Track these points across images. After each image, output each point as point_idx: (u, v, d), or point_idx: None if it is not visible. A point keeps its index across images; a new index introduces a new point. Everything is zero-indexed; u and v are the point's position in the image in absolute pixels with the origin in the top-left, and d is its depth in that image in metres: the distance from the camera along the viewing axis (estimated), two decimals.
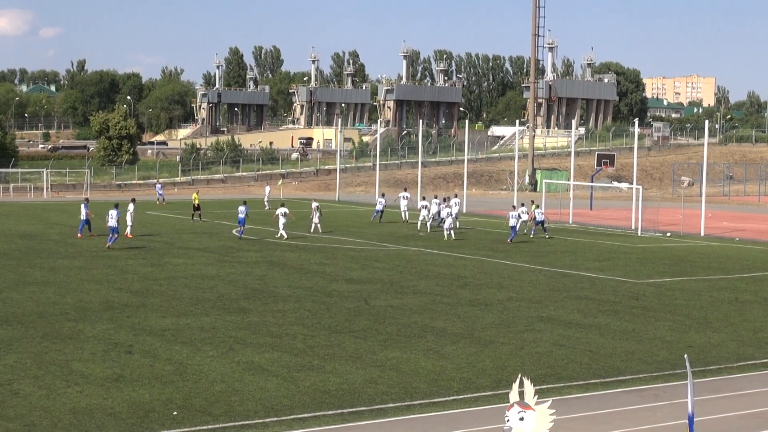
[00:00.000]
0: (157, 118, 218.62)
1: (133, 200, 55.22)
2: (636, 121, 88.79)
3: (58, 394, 20.82)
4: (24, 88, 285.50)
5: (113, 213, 47.18)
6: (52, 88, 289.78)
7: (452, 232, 55.03)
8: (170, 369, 23.18)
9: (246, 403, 20.42)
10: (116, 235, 47.25)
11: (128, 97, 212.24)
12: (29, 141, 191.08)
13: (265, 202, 79.27)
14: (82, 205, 53.90)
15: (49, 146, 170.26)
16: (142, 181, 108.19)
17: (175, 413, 19.56)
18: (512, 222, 53.60)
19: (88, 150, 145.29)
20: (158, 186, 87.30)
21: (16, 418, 19.06)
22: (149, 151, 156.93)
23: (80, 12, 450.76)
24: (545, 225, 57.32)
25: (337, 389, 21.63)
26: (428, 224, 59.60)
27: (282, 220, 53.03)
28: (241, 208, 53.35)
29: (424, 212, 60.58)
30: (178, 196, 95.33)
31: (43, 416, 19.21)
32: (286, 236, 52.70)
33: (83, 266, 41.35)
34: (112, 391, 21.09)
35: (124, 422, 18.91)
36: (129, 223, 52.16)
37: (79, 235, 52.48)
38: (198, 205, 65.03)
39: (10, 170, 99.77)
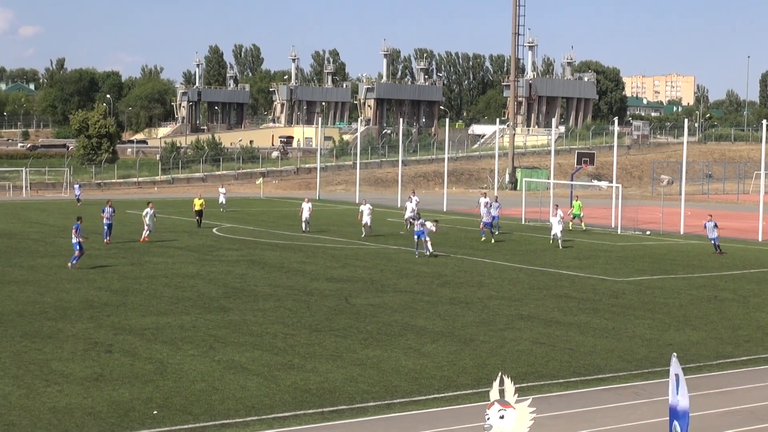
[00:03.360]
0: (136, 116, 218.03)
1: (150, 203, 52.72)
2: (616, 119, 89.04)
3: (38, 393, 20.75)
4: (3, 86, 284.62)
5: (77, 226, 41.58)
6: (32, 86, 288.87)
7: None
8: (150, 368, 23.12)
9: (226, 402, 20.38)
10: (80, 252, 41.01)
11: (108, 96, 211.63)
12: (8, 140, 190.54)
13: (222, 204, 75.02)
14: (105, 209, 50.00)
15: (28, 145, 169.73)
16: (122, 180, 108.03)
17: (155, 412, 19.51)
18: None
19: (68, 149, 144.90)
20: (76, 186, 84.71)
21: None
22: (129, 150, 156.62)
23: (60, 10, 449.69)
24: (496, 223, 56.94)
25: (318, 388, 21.61)
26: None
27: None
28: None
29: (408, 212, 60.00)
30: (157, 195, 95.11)
31: (23, 416, 19.14)
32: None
33: (63, 265, 41.13)
34: (92, 390, 21.03)
35: (104, 421, 18.86)
36: (147, 224, 50.50)
37: (106, 240, 49.25)
38: (200, 210, 60.17)
39: None
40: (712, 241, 48.90)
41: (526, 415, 11.75)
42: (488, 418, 11.69)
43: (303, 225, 57.07)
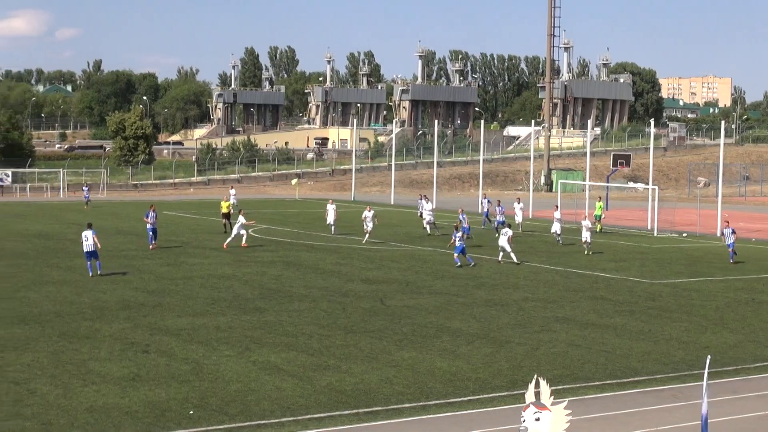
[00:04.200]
0: (172, 118, 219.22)
1: (241, 211, 51.76)
2: (652, 121, 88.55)
3: (75, 393, 20.90)
4: (41, 88, 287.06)
5: (88, 234, 38.44)
6: (69, 88, 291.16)
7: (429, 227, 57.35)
8: (187, 368, 23.24)
9: (262, 402, 20.47)
10: (97, 260, 38.70)
11: (144, 97, 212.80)
12: (46, 141, 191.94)
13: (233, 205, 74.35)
14: (149, 213, 48.40)
15: (66, 146, 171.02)
16: (158, 181, 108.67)
17: (191, 412, 19.62)
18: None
19: (104, 150, 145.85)
20: (85, 189, 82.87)
21: (34, 416, 19.15)
22: (165, 151, 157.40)
23: (97, 13, 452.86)
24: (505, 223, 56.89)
25: (353, 389, 21.67)
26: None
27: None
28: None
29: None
30: (193, 196, 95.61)
31: (60, 415, 19.28)
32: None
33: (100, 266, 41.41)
34: (128, 390, 21.16)
35: (140, 421, 18.98)
36: (242, 233, 49.13)
37: (152, 245, 47.97)
38: (227, 213, 57.28)
39: (26, 170, 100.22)
40: (729, 247, 46.90)
41: (562, 417, 11.68)
42: (524, 421, 11.63)
43: (331, 229, 56.87)
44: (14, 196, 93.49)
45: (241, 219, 48.98)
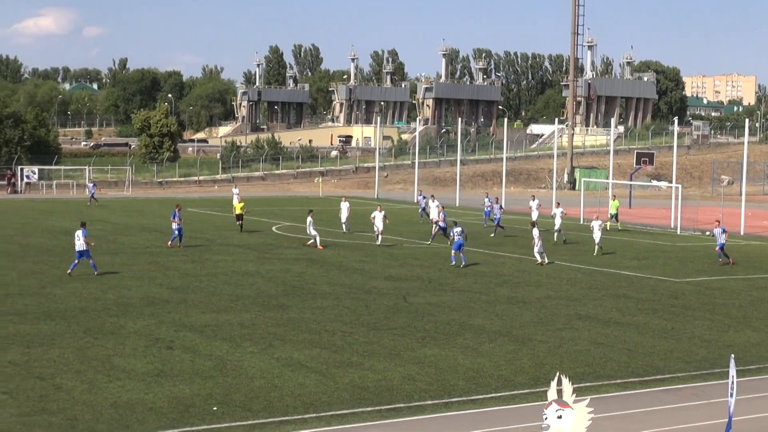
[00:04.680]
0: (197, 115, 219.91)
1: (311, 211, 50.65)
2: (675, 119, 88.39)
3: (100, 388, 21.09)
4: (67, 86, 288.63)
5: (79, 234, 37.89)
6: (95, 86, 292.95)
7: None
8: (210, 364, 23.41)
9: (285, 398, 20.60)
10: (90, 259, 37.93)
11: (169, 95, 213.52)
12: (72, 138, 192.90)
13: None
14: (175, 213, 47.66)
15: (92, 143, 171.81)
16: (183, 179, 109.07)
17: (215, 408, 19.77)
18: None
19: (130, 147, 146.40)
20: (90, 185, 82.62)
21: (59, 411, 19.35)
22: (190, 149, 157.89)
23: (123, 11, 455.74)
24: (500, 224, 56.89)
25: (376, 386, 21.78)
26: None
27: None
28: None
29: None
30: (217, 193, 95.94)
31: (86, 410, 19.46)
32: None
33: (125, 262, 41.72)
34: (153, 386, 21.35)
35: (165, 417, 19.15)
36: (313, 233, 48.53)
37: (174, 244, 47.23)
38: (241, 214, 56.48)
39: (53, 167, 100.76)
40: (718, 247, 44.73)
41: (584, 415, 11.73)
42: (546, 418, 11.67)
43: (343, 227, 56.30)
44: (41, 192, 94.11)
45: (310, 219, 48.62)
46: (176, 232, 47.36)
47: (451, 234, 43.40)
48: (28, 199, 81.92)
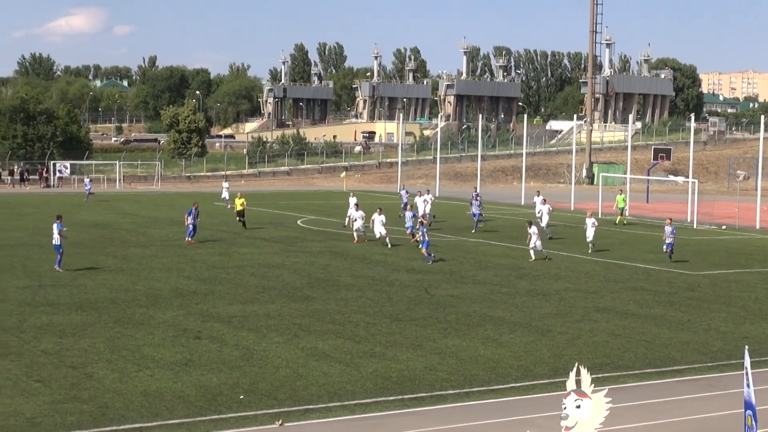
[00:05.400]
0: (224, 112, 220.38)
1: (380, 209, 48.64)
2: (692, 115, 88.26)
3: (130, 377, 21.44)
4: (98, 83, 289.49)
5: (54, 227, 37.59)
6: (125, 83, 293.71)
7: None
8: (237, 354, 23.75)
9: (310, 388, 20.90)
10: (59, 255, 37.42)
11: (197, 92, 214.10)
12: (102, 134, 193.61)
13: (225, 199, 71.42)
14: (191, 211, 47.51)
15: (122, 139, 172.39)
16: (210, 173, 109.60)
17: (241, 397, 20.08)
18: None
19: (159, 143, 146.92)
20: (87, 180, 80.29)
21: (90, 399, 19.70)
22: (217, 144, 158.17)
23: (152, 10, 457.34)
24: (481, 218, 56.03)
25: (398, 376, 22.05)
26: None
27: None
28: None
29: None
30: (244, 187, 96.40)
31: (116, 398, 19.81)
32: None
33: (154, 255, 42.23)
34: (181, 375, 21.69)
35: (192, 405, 19.46)
36: (383, 232, 47.33)
37: (188, 239, 47.10)
38: (242, 210, 54.84)
39: (84, 162, 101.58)
40: (666, 247, 43.25)
41: (603, 405, 11.83)
42: (565, 408, 11.79)
43: (345, 220, 54.43)
44: (72, 187, 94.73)
45: (380, 217, 47.12)
46: (191, 228, 47.24)
47: (420, 232, 43.04)
48: (60, 193, 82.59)
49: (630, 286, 36.14)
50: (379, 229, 46.96)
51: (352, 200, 55.62)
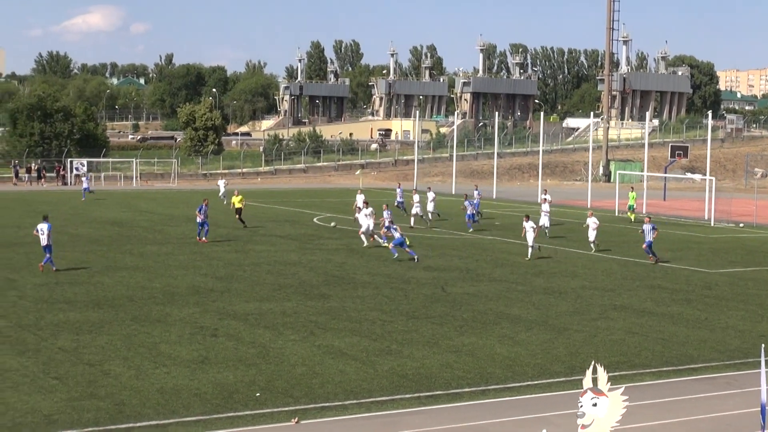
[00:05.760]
0: (241, 109, 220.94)
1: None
2: (710, 113, 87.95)
3: (147, 374, 21.52)
4: (115, 81, 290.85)
5: (43, 228, 36.75)
6: (141, 81, 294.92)
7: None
8: (253, 352, 23.80)
9: (326, 385, 20.93)
10: (49, 255, 36.76)
11: (213, 90, 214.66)
12: (119, 132, 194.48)
13: (221, 197, 70.51)
14: (202, 207, 47.05)
15: (139, 137, 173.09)
16: (226, 171, 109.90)
17: (258, 394, 20.13)
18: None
19: (176, 140, 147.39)
20: (84, 179, 79.31)
21: (107, 397, 19.77)
22: (233, 142, 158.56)
23: (169, 8, 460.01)
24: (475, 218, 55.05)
25: (415, 373, 22.07)
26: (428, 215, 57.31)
27: None
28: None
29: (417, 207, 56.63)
30: (261, 185, 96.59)
31: (133, 395, 19.89)
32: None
33: (171, 252, 42.36)
34: (198, 372, 21.75)
35: (209, 402, 19.51)
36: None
37: (203, 239, 46.50)
38: (240, 208, 54.29)
39: (101, 160, 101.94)
40: (646, 245, 42.22)
41: (619, 403, 11.87)
42: (581, 406, 11.83)
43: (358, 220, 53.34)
44: (89, 184, 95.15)
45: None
46: (200, 226, 46.65)
47: (391, 231, 42.82)
48: (77, 191, 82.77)
49: (647, 284, 36.07)
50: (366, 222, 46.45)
51: (360, 197, 55.75)
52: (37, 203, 69.01)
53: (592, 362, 12.42)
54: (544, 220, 50.94)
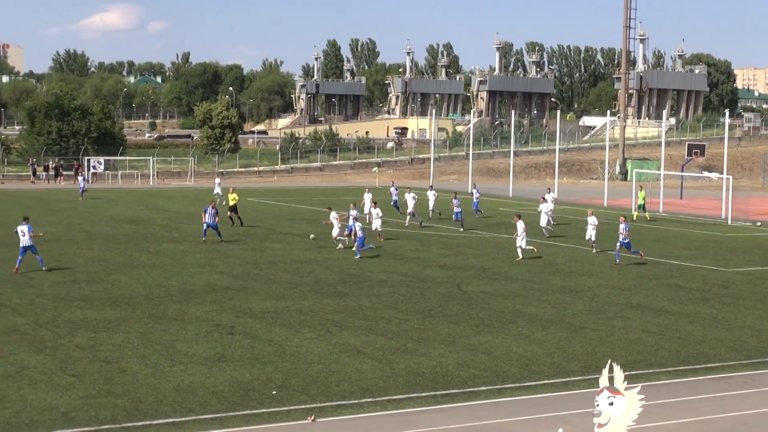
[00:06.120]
0: (257, 108, 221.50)
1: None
2: (727, 111, 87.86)
3: (164, 372, 21.59)
4: (132, 79, 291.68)
5: (24, 229, 36.09)
6: (158, 79, 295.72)
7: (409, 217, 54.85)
8: (270, 350, 23.85)
9: (342, 383, 20.95)
10: (32, 254, 36.23)
11: (230, 88, 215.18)
12: (136, 130, 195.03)
13: (215, 196, 66.97)
14: (207, 209, 46.00)
15: (155, 135, 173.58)
16: (243, 169, 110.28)
17: (274, 392, 20.16)
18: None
19: (192, 139, 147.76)
20: (80, 179, 77.35)
21: (124, 394, 19.85)
22: (250, 140, 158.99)
23: (186, 7, 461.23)
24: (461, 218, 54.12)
25: (431, 372, 22.07)
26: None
27: None
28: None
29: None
30: (277, 183, 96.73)
31: (149, 393, 19.95)
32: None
33: (187, 250, 42.46)
34: (214, 370, 21.79)
35: (225, 400, 19.56)
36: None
37: (220, 239, 45.69)
38: (234, 205, 53.51)
39: (118, 158, 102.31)
40: (620, 244, 40.81)
41: (636, 402, 11.85)
42: (597, 405, 11.81)
43: (367, 218, 53.52)
44: (106, 182, 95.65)
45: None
46: (205, 226, 45.63)
47: (354, 227, 42.72)
48: (95, 189, 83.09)
49: (664, 283, 35.99)
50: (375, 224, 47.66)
51: (368, 196, 55.70)
52: (55, 201, 69.33)
53: (609, 361, 12.39)
54: (543, 221, 50.64)
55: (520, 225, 41.77)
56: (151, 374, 21.40)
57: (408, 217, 55.24)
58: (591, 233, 44.73)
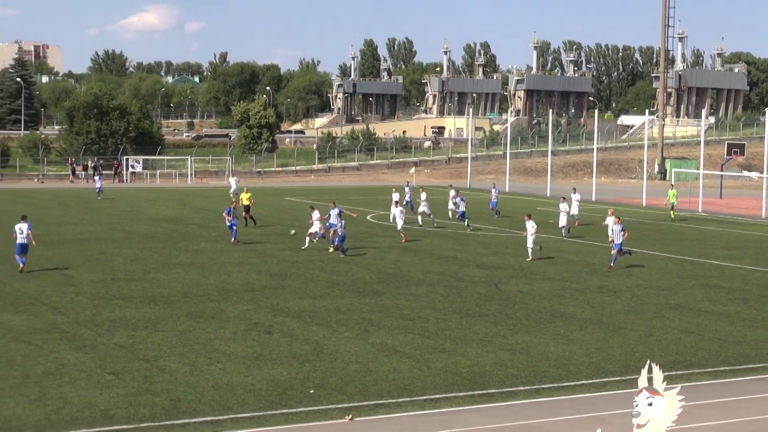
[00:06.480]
0: (294, 107, 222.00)
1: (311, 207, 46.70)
2: (767, 110, 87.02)
3: (202, 370, 21.67)
4: (170, 79, 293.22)
5: (23, 227, 35.70)
6: (196, 79, 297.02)
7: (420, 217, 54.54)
8: (307, 349, 23.89)
9: (380, 383, 20.96)
10: (23, 255, 35.81)
11: (267, 88, 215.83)
12: (174, 130, 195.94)
13: (231, 195, 67.43)
14: (230, 210, 45.93)
15: (193, 135, 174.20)
16: (280, 169, 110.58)
17: (311, 391, 20.19)
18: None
19: (230, 138, 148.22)
20: (97, 178, 75.78)
21: (163, 392, 19.95)
22: (287, 140, 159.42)
23: (223, 7, 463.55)
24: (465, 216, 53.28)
25: (468, 371, 22.05)
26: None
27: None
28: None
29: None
30: (314, 183, 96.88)
31: (188, 391, 20.04)
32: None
33: (225, 249, 42.62)
34: (252, 368, 21.86)
35: (263, 399, 19.62)
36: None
37: (233, 240, 45.35)
38: (248, 206, 53.13)
39: (156, 157, 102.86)
40: (615, 248, 39.41)
41: (675, 403, 11.81)
42: (636, 405, 11.78)
43: (390, 217, 53.99)
44: (145, 182, 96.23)
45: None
46: (230, 228, 45.26)
47: (331, 227, 42.55)
48: (133, 188, 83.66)
49: (703, 283, 35.76)
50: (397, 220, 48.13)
51: (395, 196, 55.32)
52: (94, 201, 69.76)
53: (648, 361, 12.34)
54: (563, 221, 49.83)
55: (530, 225, 41.38)
56: (189, 373, 21.49)
57: (419, 216, 54.86)
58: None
